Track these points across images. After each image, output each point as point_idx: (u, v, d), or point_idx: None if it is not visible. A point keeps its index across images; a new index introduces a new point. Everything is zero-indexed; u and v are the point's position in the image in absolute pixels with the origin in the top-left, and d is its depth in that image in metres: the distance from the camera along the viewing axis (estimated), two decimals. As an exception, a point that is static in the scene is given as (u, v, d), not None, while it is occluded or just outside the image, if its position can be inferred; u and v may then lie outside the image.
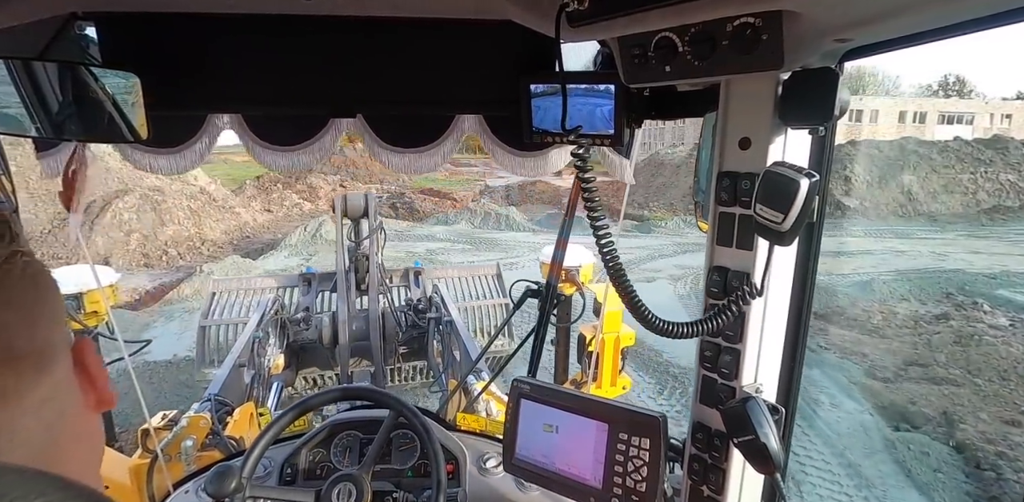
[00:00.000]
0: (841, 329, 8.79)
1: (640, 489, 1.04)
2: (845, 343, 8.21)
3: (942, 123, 33.71)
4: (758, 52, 0.73)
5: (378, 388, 1.49)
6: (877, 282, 10.90)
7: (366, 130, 1.32)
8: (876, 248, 14.24)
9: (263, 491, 1.30)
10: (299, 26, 1.13)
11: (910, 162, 20.07)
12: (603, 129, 1.09)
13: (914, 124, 32.98)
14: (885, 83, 50.31)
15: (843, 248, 14.08)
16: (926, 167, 19.88)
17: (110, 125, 1.09)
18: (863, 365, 7.56)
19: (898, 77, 75.58)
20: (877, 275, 11.50)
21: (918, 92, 49.85)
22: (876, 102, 33.90)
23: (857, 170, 19.58)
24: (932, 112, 34.21)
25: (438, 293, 4.96)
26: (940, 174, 19.66)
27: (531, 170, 1.40)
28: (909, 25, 0.71)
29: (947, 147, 20.70)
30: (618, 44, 0.92)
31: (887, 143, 21.56)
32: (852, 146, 21.04)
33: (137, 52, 1.11)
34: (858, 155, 20.16)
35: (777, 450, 0.88)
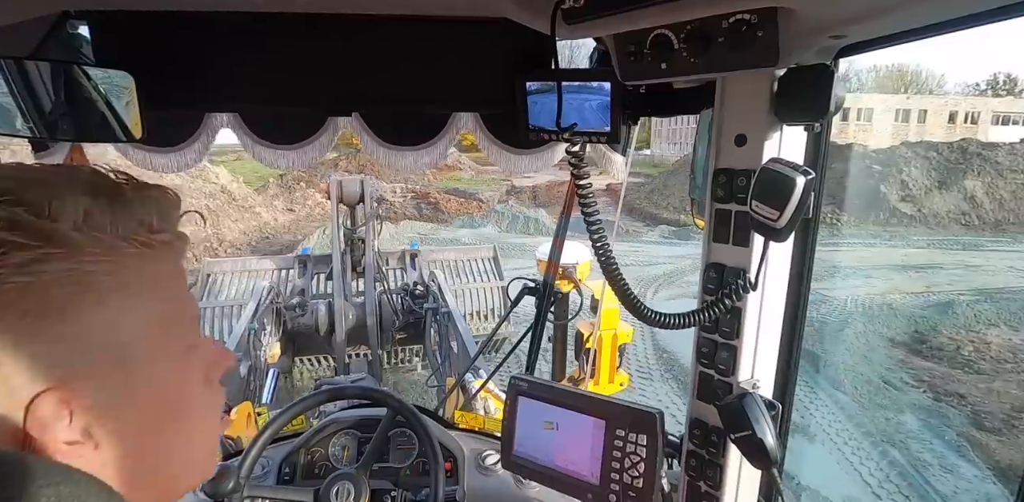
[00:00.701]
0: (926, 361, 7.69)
1: (637, 485, 1.05)
2: (935, 380, 7.07)
3: (996, 124, 32.47)
4: (754, 49, 0.73)
5: (376, 387, 1.49)
6: (958, 303, 9.60)
7: (363, 128, 1.32)
8: (945, 261, 12.95)
9: (261, 491, 1.30)
10: (294, 24, 1.13)
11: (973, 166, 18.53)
12: (599, 126, 1.09)
13: (966, 125, 31.77)
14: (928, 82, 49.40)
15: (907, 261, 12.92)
16: (991, 171, 18.30)
17: (104, 125, 1.09)
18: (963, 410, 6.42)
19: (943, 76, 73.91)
20: (955, 295, 10.15)
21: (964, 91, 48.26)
22: (924, 101, 32.72)
23: (914, 174, 18.27)
24: (986, 112, 32.96)
25: (435, 281, 4.96)
26: (1007, 179, 18.10)
27: (528, 168, 1.39)
28: (904, 21, 0.71)
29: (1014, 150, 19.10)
30: (614, 41, 0.92)
31: (946, 145, 20.04)
32: (906, 148, 19.79)
33: (131, 51, 1.11)
34: (914, 158, 18.85)
35: (774, 445, 0.88)
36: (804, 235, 1.02)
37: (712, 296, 0.98)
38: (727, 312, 0.95)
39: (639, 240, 16.75)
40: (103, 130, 1.10)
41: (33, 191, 0.36)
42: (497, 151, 1.36)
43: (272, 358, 4.06)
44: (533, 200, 22.28)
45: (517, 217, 17.99)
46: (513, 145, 1.36)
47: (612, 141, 1.14)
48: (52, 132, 1.09)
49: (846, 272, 12.39)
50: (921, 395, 6.85)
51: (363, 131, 1.32)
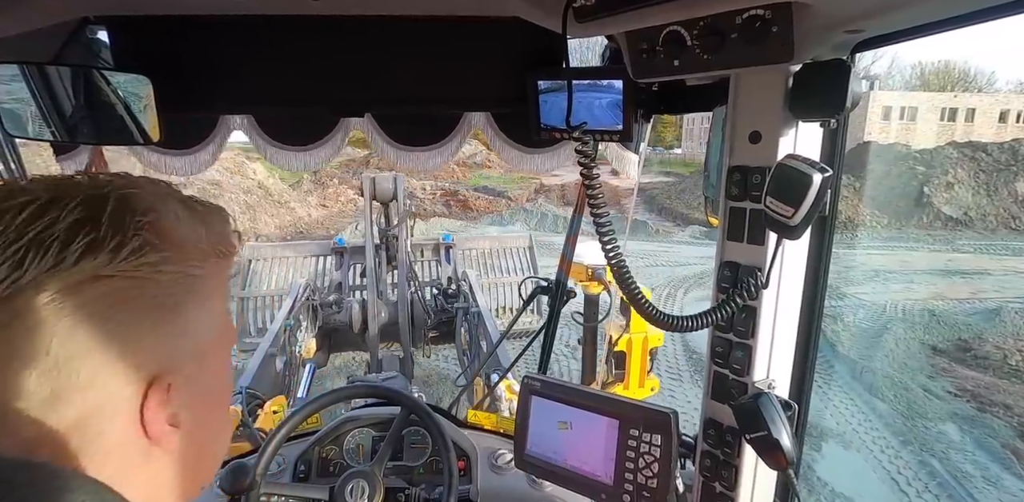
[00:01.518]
0: (970, 370, 7.51)
1: (652, 485, 1.04)
2: (979, 389, 6.91)
3: None
4: (768, 45, 0.72)
5: (389, 387, 1.50)
6: (1006, 311, 9.34)
7: (375, 129, 1.33)
8: (993, 268, 12.62)
9: (277, 488, 1.31)
10: (307, 27, 1.14)
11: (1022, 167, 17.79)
12: (611, 124, 1.09)
13: (1018, 124, 30.10)
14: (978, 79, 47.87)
15: (952, 266, 12.54)
16: None
17: (123, 128, 1.11)
18: (1009, 421, 6.31)
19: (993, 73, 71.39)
20: (1004, 302, 9.85)
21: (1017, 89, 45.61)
22: (972, 100, 31.31)
23: (960, 175, 17.66)
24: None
25: (467, 280, 4.94)
26: None
27: (540, 167, 1.39)
28: (922, 15, 0.70)
29: None
30: (625, 39, 0.91)
31: (996, 146, 19.29)
32: (952, 148, 19.09)
33: (148, 55, 1.13)
34: (961, 159, 18.21)
35: (790, 446, 0.87)
36: (820, 233, 1.00)
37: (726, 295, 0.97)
38: (740, 311, 0.94)
39: (669, 240, 16.60)
40: (122, 133, 1.12)
41: (150, 201, 0.40)
42: (509, 150, 1.36)
43: (308, 353, 4.10)
44: (562, 199, 22.13)
45: (546, 215, 18.07)
46: (525, 144, 1.35)
47: (624, 139, 1.13)
48: (74, 135, 1.12)
49: (886, 276, 12.13)
50: (964, 405, 6.73)
51: (375, 132, 1.33)
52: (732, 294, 0.85)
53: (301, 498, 1.34)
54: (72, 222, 0.36)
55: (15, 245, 0.34)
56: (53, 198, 0.37)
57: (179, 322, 0.41)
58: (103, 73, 1.07)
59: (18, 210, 0.35)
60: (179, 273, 0.40)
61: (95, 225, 0.36)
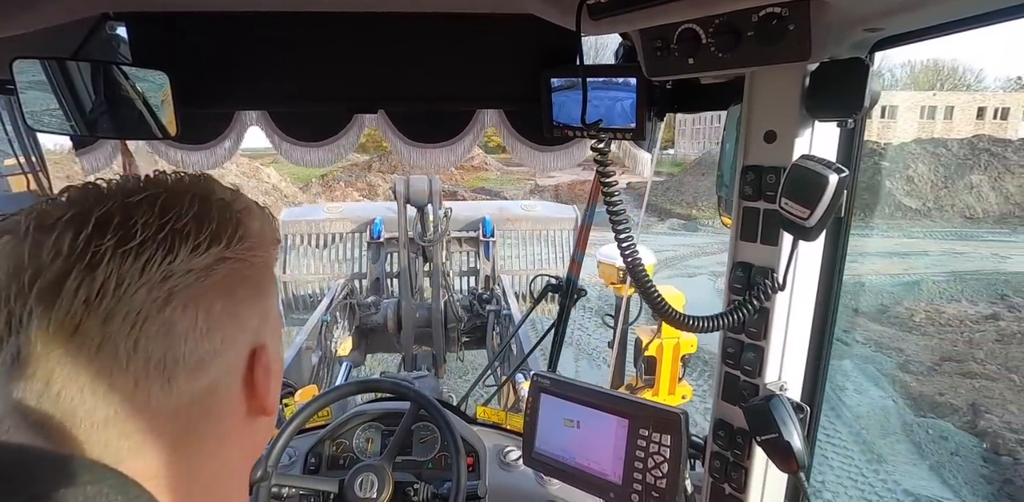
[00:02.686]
0: (881, 326, 8.83)
1: (660, 485, 1.04)
2: (883, 339, 8.27)
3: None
4: (784, 43, 0.72)
5: (399, 381, 1.51)
6: (926, 282, 10.80)
7: (388, 126, 1.33)
8: (934, 250, 13.89)
9: (288, 480, 1.33)
10: (322, 23, 1.14)
11: (981, 161, 19.11)
12: (624, 123, 1.08)
13: (995, 120, 30.70)
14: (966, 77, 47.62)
15: (897, 249, 13.69)
16: (999, 167, 18.89)
17: (141, 122, 1.12)
18: (897, 359, 7.68)
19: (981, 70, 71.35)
20: (928, 276, 11.33)
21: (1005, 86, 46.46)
22: (952, 97, 31.85)
23: (920, 169, 18.80)
24: (1016, 107, 31.73)
25: (500, 285, 4.78)
26: (1015, 174, 18.74)
27: (552, 165, 1.39)
28: (944, 13, 0.68)
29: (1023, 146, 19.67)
30: (640, 37, 0.91)
31: (956, 141, 20.46)
32: (916, 144, 20.18)
33: (166, 51, 1.14)
34: (923, 154, 19.35)
35: (801, 449, 0.86)
36: (836, 234, 0.99)
37: (739, 295, 0.96)
38: (755, 313, 0.93)
39: (650, 232, 18.09)
40: (140, 128, 1.13)
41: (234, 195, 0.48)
42: (522, 148, 1.36)
43: (344, 351, 4.10)
44: (556, 198, 23.37)
45: None
46: (538, 142, 1.35)
47: (637, 138, 1.12)
48: (93, 130, 1.13)
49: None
50: (864, 348, 8.01)
51: (388, 128, 1.33)
52: (749, 296, 0.84)
53: (311, 490, 1.35)
54: (194, 214, 0.41)
55: (161, 233, 0.39)
56: (168, 192, 0.42)
57: (265, 300, 0.47)
58: (122, 68, 1.08)
59: (148, 204, 0.41)
60: (263, 257, 0.46)
61: (211, 219, 0.42)
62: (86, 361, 0.37)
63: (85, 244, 0.37)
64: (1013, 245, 14.42)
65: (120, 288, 0.37)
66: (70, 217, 0.39)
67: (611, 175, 0.88)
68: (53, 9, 0.94)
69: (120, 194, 0.41)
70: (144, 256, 0.38)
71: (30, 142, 1.36)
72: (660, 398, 3.01)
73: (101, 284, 0.37)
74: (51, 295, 0.37)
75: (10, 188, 1.38)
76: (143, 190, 0.42)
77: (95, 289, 0.37)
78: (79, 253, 0.37)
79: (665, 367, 3.03)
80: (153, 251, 0.39)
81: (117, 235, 0.38)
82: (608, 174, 0.88)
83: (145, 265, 0.38)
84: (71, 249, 0.37)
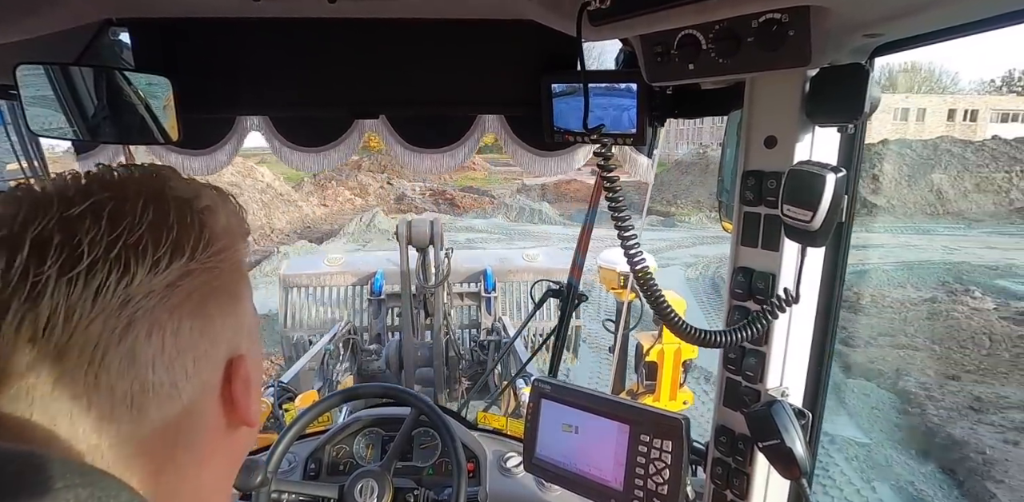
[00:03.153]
0: None
1: (662, 492, 1.03)
2: None
3: (996, 121, 32.13)
4: (784, 49, 0.72)
5: (400, 386, 1.50)
6: (877, 271, 11.73)
7: (389, 131, 1.33)
8: (890, 243, 14.75)
9: (288, 485, 1.32)
10: (323, 29, 1.15)
11: (942, 161, 20.13)
12: (625, 128, 1.08)
13: (965, 122, 31.61)
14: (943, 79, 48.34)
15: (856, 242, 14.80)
16: (958, 166, 19.94)
17: (143, 128, 1.13)
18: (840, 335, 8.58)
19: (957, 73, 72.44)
20: (880, 265, 12.18)
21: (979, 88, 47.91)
22: (923, 100, 32.66)
23: (886, 169, 19.65)
24: (984, 110, 32.64)
25: (502, 323, 4.65)
26: (972, 173, 19.76)
27: (553, 170, 1.39)
28: (942, 19, 0.68)
29: (983, 146, 20.66)
30: (640, 42, 0.91)
31: (920, 143, 21.45)
32: (883, 145, 20.97)
33: (169, 56, 1.14)
34: (888, 154, 20.22)
35: (803, 455, 0.86)
36: (836, 240, 0.99)
37: (740, 300, 0.96)
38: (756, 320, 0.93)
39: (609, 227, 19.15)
40: (143, 133, 1.14)
41: (194, 190, 0.42)
42: (522, 153, 1.36)
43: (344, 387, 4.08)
44: (541, 196, 24.11)
45: (523, 209, 20.35)
46: (538, 147, 1.35)
47: (638, 143, 1.13)
48: (96, 135, 1.14)
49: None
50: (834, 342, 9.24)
51: (389, 133, 1.33)
52: (764, 311, 0.83)
53: (311, 496, 1.35)
54: (149, 223, 0.36)
55: (112, 251, 0.34)
56: (115, 199, 0.36)
57: (239, 305, 0.43)
58: (124, 74, 1.09)
59: (93, 216, 0.35)
60: (233, 259, 0.41)
61: (169, 226, 0.37)
62: (40, 404, 0.33)
63: (22, 272, 0.32)
64: (964, 238, 15.39)
65: (71, 321, 0.32)
66: (4, 237, 0.33)
67: (616, 180, 0.87)
68: (56, 15, 0.94)
69: (57, 204, 0.35)
70: (95, 281, 0.33)
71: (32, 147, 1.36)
72: (661, 403, 2.99)
73: (47, 319, 0.32)
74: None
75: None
76: (85, 196, 0.35)
77: (40, 326, 0.32)
78: (15, 284, 0.32)
79: (666, 372, 3.02)
80: (106, 274, 0.33)
81: (60, 258, 0.33)
82: (612, 179, 0.87)
83: (97, 292, 0.33)
84: (5, 280, 0.32)
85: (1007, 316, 8.54)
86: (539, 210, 20.07)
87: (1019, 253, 13.13)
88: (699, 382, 6.66)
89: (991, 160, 19.94)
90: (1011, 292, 10.01)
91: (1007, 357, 7.29)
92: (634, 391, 3.11)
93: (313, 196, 23.35)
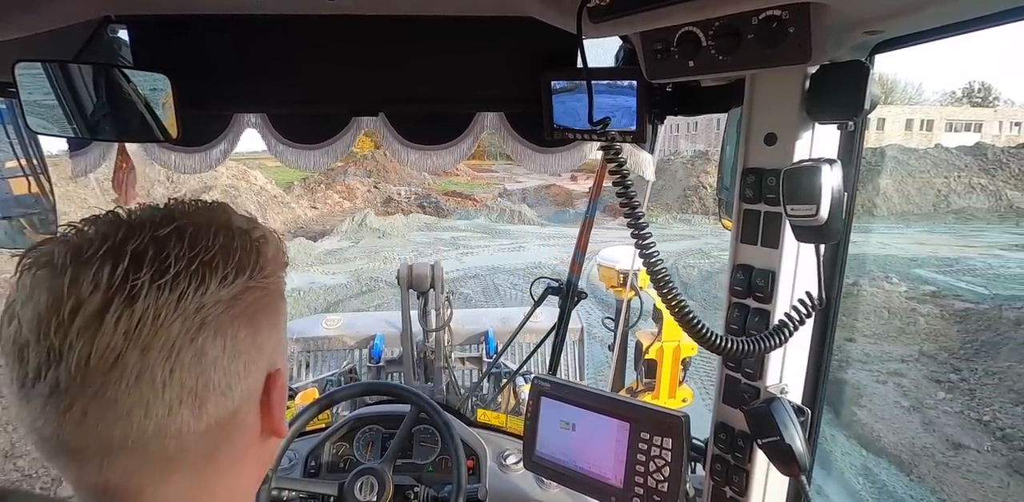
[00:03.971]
0: None
1: (662, 489, 1.03)
2: None
3: (949, 131, 33.74)
4: (785, 46, 0.72)
5: (400, 384, 1.51)
6: None
7: (387, 128, 1.33)
8: None
9: (288, 483, 1.32)
10: (322, 26, 1.14)
11: (888, 167, 21.97)
12: (625, 125, 1.08)
13: (921, 132, 33.25)
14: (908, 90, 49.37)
15: None
16: (902, 172, 21.72)
17: (142, 125, 1.12)
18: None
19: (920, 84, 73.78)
20: None
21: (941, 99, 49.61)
22: (883, 110, 34.18)
23: None
24: (939, 120, 34.38)
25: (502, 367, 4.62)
26: (916, 178, 21.58)
27: (553, 167, 1.39)
28: (942, 16, 0.68)
29: (926, 154, 22.61)
30: (640, 39, 0.91)
31: (870, 150, 23.08)
32: None
33: (168, 54, 1.14)
34: None
35: (803, 452, 0.86)
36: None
37: (740, 298, 0.96)
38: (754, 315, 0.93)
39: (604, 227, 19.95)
40: (142, 130, 1.13)
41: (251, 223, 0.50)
42: (523, 150, 1.35)
43: None
44: (522, 200, 25.18)
45: (504, 210, 21.69)
46: (539, 144, 1.35)
47: (638, 140, 1.12)
48: (95, 133, 1.13)
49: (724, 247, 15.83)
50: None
51: (387, 131, 1.33)
52: (790, 319, 0.81)
53: (311, 493, 1.35)
54: (220, 246, 0.44)
55: (192, 265, 0.42)
56: (194, 225, 0.44)
57: (280, 323, 0.50)
58: (123, 71, 1.08)
59: (177, 237, 0.43)
60: (277, 283, 0.49)
61: (234, 249, 0.45)
62: (125, 391, 0.39)
63: (123, 278, 0.39)
64: (899, 236, 16.61)
65: (158, 320, 0.40)
66: (105, 251, 0.40)
67: (626, 175, 0.84)
68: (55, 12, 0.94)
69: (149, 226, 0.43)
70: (179, 289, 0.41)
71: (31, 144, 1.36)
72: (661, 401, 2.99)
73: (140, 316, 0.39)
74: (92, 327, 0.38)
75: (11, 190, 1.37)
76: (170, 221, 0.44)
77: (135, 321, 0.39)
78: (118, 286, 0.39)
79: (665, 370, 3.01)
80: (187, 284, 0.41)
81: (152, 268, 0.40)
82: (623, 173, 0.84)
83: (180, 297, 0.41)
84: (109, 283, 0.39)
85: (912, 296, 9.83)
86: (519, 212, 21.39)
87: (944, 248, 14.56)
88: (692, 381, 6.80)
89: (932, 166, 21.74)
90: (923, 278, 11.34)
91: (898, 325, 8.75)
92: (634, 389, 3.10)
93: (303, 199, 24.30)
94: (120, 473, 0.41)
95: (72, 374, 0.39)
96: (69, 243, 0.42)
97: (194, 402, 0.42)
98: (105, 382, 0.39)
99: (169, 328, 0.40)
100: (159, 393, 0.40)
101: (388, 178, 26.58)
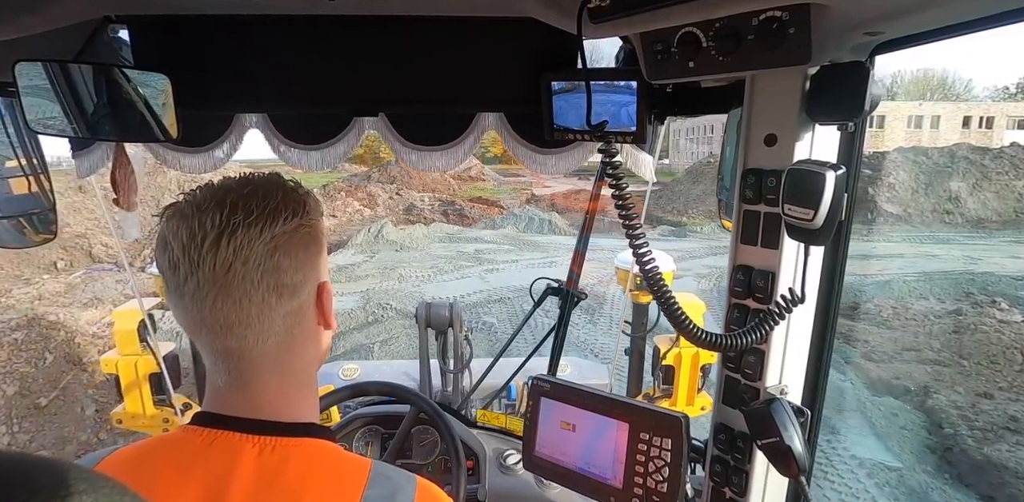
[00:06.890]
0: (852, 321, 9.46)
1: (661, 490, 1.03)
2: (852, 332, 8.88)
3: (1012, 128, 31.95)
4: (785, 47, 0.72)
5: (400, 384, 1.51)
6: (897, 282, 11.52)
7: (388, 129, 1.33)
8: (909, 252, 14.45)
9: None
10: (323, 26, 1.15)
11: (959, 169, 19.71)
12: (625, 126, 1.08)
13: (980, 129, 31.58)
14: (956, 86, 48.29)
15: (874, 252, 14.37)
16: (977, 174, 19.54)
17: (143, 125, 1.12)
18: (862, 349, 8.34)
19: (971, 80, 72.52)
20: (901, 276, 11.97)
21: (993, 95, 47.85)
22: (937, 108, 32.66)
23: (902, 177, 19.31)
24: (1000, 116, 32.53)
25: None
26: (992, 181, 19.37)
27: (552, 167, 1.39)
28: (944, 17, 0.68)
29: (1001, 153, 20.21)
30: (640, 40, 0.91)
31: (936, 150, 21.07)
32: (898, 153, 20.73)
33: (168, 54, 1.14)
34: (904, 162, 19.90)
35: (802, 453, 0.86)
36: (836, 238, 0.99)
37: (740, 299, 0.96)
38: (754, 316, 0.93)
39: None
40: (143, 130, 1.13)
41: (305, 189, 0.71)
42: (522, 150, 1.35)
43: None
44: (550, 206, 24.08)
45: (533, 219, 20.16)
46: (539, 145, 1.35)
47: (638, 141, 1.12)
48: (95, 132, 1.13)
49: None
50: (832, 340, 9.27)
51: (388, 132, 1.33)
52: (770, 313, 0.83)
53: None
54: (282, 198, 0.66)
55: (266, 210, 0.63)
56: (263, 186, 0.67)
57: (323, 252, 0.70)
58: (123, 71, 1.08)
59: (253, 193, 0.65)
60: (319, 223, 0.70)
61: (290, 200, 0.66)
62: (235, 287, 0.62)
63: (227, 219, 0.62)
64: (985, 248, 15.00)
65: (250, 245, 0.62)
66: (215, 203, 0.63)
67: (622, 178, 0.85)
68: (55, 12, 0.94)
69: (236, 187, 0.66)
70: (259, 224, 0.62)
71: (31, 144, 1.36)
72: (679, 409, 2.94)
73: (240, 241, 0.61)
74: (213, 249, 0.61)
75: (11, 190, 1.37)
76: (248, 184, 0.67)
77: (237, 244, 0.61)
78: (225, 224, 0.62)
79: (683, 377, 2.94)
80: (264, 222, 0.63)
81: (243, 213, 0.62)
82: (619, 176, 0.85)
83: (261, 230, 0.62)
84: (220, 222, 0.61)
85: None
86: (548, 220, 19.84)
87: (1044, 263, 12.77)
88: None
89: (1011, 167, 19.55)
90: (1043, 303, 9.53)
91: (1043, 371, 6.93)
92: (651, 395, 3.05)
93: (322, 206, 23.66)
94: (236, 340, 0.63)
95: (206, 276, 0.61)
96: (191, 201, 0.64)
97: (277, 295, 0.64)
98: (225, 281, 0.61)
99: (256, 248, 0.62)
100: (257, 288, 0.62)
101: (411, 184, 25.85)
